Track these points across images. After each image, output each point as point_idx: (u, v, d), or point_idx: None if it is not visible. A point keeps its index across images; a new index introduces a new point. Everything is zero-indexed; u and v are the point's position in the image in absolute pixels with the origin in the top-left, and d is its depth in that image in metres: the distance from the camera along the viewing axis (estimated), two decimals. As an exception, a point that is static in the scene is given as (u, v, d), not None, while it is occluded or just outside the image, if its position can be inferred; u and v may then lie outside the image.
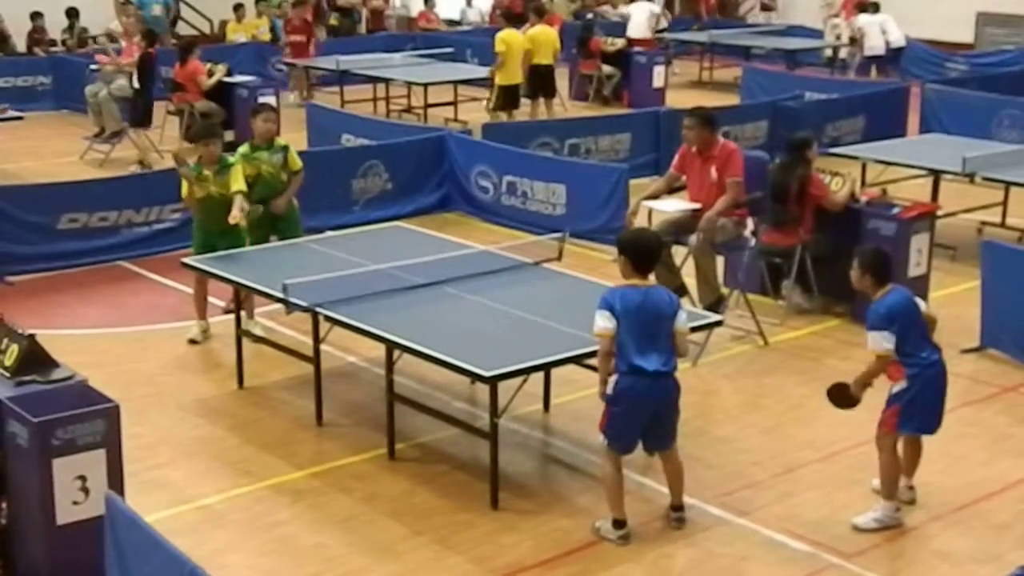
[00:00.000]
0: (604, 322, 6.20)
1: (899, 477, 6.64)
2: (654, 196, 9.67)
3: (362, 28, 25.07)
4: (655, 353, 6.22)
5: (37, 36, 21.48)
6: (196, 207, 9.03)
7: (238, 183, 8.82)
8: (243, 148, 9.31)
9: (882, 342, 6.32)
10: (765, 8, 26.56)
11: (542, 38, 16.89)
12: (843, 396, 6.56)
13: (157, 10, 21.58)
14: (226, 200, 8.82)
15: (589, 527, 6.51)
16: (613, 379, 6.28)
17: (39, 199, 11.02)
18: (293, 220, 9.41)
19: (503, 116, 16.01)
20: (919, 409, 6.47)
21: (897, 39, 21.04)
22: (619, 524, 6.41)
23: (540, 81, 16.99)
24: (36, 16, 21.42)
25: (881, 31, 20.90)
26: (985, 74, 19.40)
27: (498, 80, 16.07)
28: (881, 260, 6.63)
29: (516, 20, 17.36)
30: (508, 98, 16.14)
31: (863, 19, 21.10)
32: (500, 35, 16.27)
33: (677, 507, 6.63)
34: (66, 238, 10.92)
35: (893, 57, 21.18)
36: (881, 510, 6.56)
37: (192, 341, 9.15)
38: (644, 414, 6.34)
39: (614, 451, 6.40)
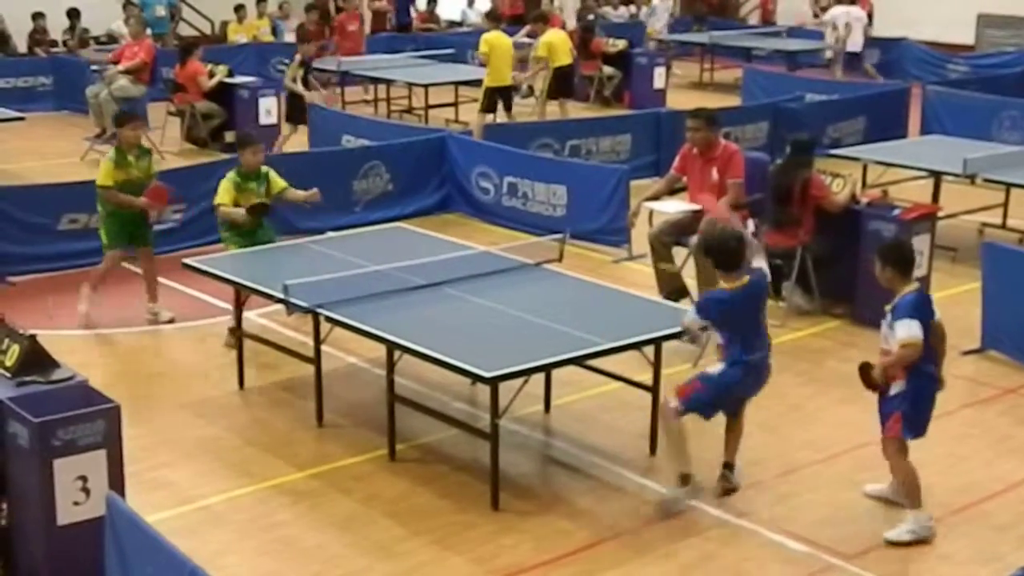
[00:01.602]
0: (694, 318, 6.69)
1: (918, 483, 6.46)
2: (655, 197, 9.68)
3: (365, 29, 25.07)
4: (760, 342, 6.67)
5: (38, 37, 21.49)
6: (113, 194, 9.30)
7: (222, 198, 9.02)
8: (233, 175, 9.09)
9: (916, 329, 6.17)
10: (817, 16, 26.30)
11: (557, 41, 16.93)
12: (866, 379, 6.41)
13: (160, 11, 21.60)
14: (145, 184, 9.34)
15: (588, 528, 6.52)
16: (720, 368, 6.61)
17: (40, 199, 11.03)
18: (268, 232, 9.23)
19: (494, 118, 15.97)
20: (919, 416, 6.38)
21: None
22: (686, 479, 6.68)
23: (564, 82, 17.08)
24: (37, 16, 21.42)
25: (863, 28, 20.91)
26: (986, 75, 19.40)
27: (485, 82, 16.05)
28: (901, 252, 6.50)
29: (502, 21, 17.43)
30: (495, 99, 16.10)
31: (855, 13, 21.05)
32: (485, 36, 16.24)
33: (729, 464, 6.87)
34: (67, 238, 10.91)
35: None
36: (913, 521, 6.43)
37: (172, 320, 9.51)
38: (740, 397, 6.80)
39: (687, 415, 6.65)
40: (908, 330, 6.19)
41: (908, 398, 6.34)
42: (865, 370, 6.44)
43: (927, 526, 6.43)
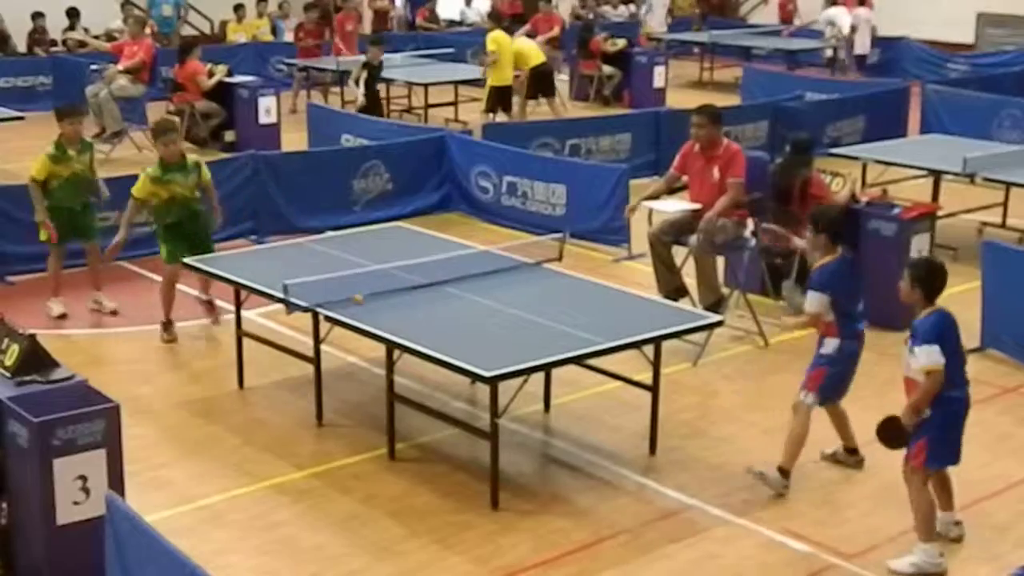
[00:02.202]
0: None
1: (934, 514, 6.24)
2: (654, 196, 9.68)
3: (366, 28, 25.08)
4: (862, 315, 6.95)
5: (38, 36, 21.48)
6: (36, 190, 9.38)
7: (139, 191, 9.06)
8: (153, 170, 9.03)
9: (936, 355, 5.89)
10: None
11: (523, 48, 17.18)
12: (895, 432, 6.02)
13: (167, 11, 21.62)
14: (88, 178, 9.39)
15: (588, 528, 6.52)
16: (836, 343, 6.83)
17: (40, 199, 11.01)
18: (207, 236, 9.19)
19: (493, 117, 16.04)
20: (946, 443, 6.08)
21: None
22: (787, 474, 6.88)
23: (542, 82, 17.21)
24: (37, 16, 21.42)
25: (871, 29, 20.92)
26: (985, 74, 19.42)
27: (490, 81, 16.14)
28: (934, 273, 6.16)
29: (504, 20, 17.61)
30: (499, 99, 16.18)
31: (863, 14, 21.02)
32: (493, 36, 16.36)
33: (853, 450, 7.20)
34: (66, 238, 10.90)
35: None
36: (920, 553, 6.12)
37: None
38: (855, 371, 6.98)
39: (818, 406, 6.91)
40: (929, 357, 5.91)
41: (936, 423, 6.02)
42: (894, 425, 6.03)
43: (935, 562, 6.13)
